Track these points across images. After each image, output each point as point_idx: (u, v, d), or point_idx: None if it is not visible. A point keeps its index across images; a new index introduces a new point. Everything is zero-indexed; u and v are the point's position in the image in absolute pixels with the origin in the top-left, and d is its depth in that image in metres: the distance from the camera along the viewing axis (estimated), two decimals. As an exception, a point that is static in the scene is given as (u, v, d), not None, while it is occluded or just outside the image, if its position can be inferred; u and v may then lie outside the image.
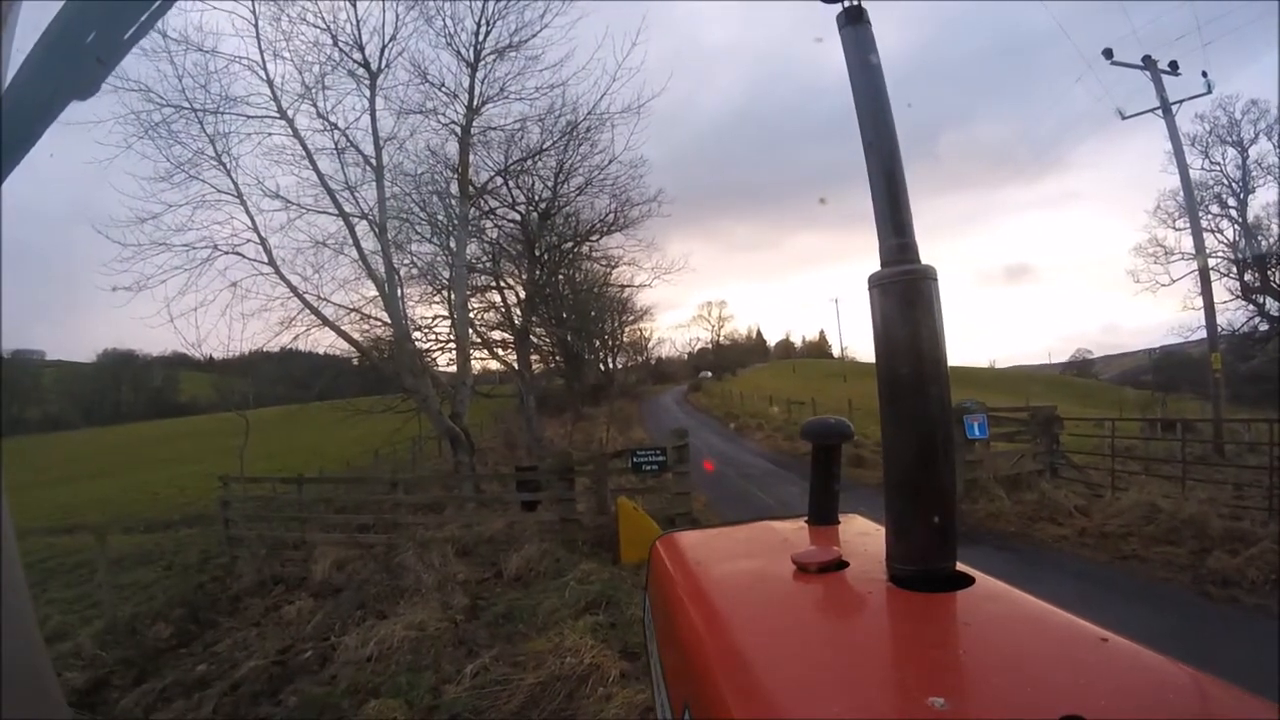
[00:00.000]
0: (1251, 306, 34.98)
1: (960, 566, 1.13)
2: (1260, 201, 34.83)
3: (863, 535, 1.48)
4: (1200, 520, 8.84)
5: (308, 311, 15.27)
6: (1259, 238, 34.50)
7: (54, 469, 33.63)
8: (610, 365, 54.98)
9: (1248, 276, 35.01)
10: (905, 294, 1.14)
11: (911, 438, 1.12)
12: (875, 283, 1.17)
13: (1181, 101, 18.30)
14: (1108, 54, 18.44)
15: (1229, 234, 35.12)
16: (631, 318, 47.60)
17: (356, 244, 15.24)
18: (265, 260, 14.68)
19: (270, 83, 14.29)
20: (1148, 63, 18.16)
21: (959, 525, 1.13)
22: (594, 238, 23.29)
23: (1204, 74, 18.43)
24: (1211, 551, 8.17)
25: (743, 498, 14.45)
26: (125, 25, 1.32)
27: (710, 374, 75.64)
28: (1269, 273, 34.65)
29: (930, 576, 1.11)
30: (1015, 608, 1.04)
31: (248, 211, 14.67)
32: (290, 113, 14.60)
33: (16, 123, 1.22)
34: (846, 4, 1.28)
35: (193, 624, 9.57)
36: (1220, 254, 34.28)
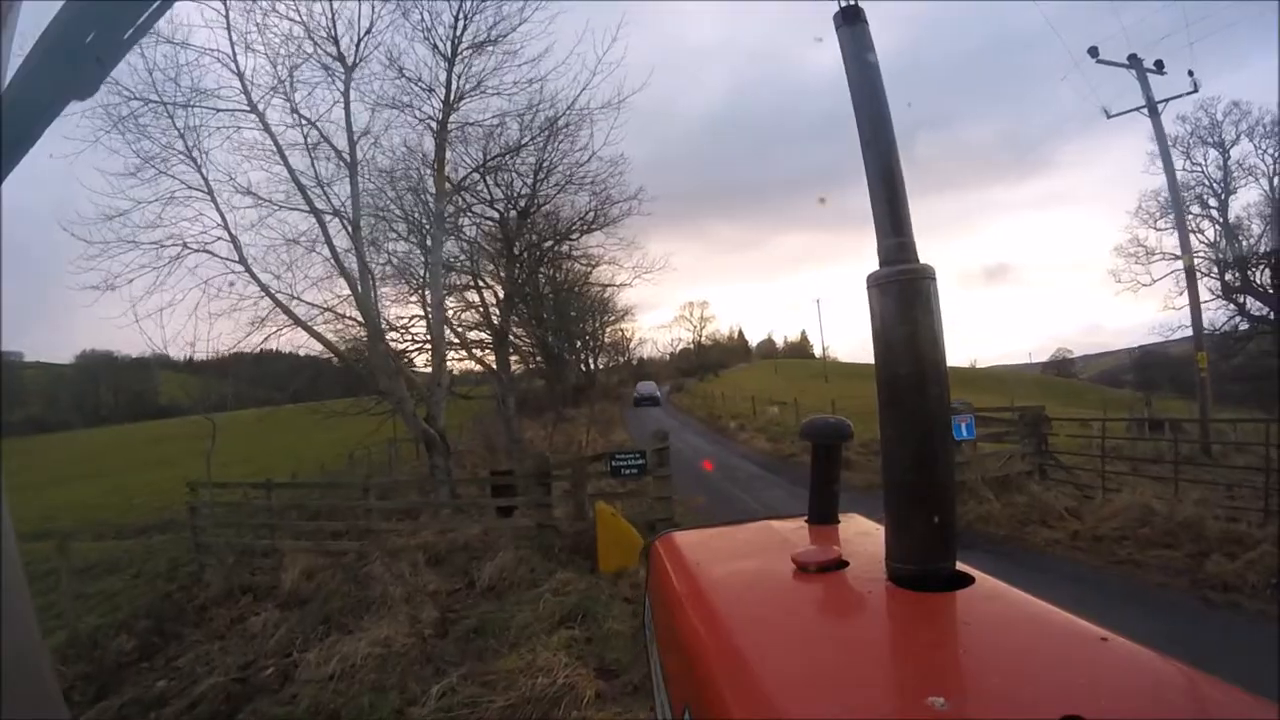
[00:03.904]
0: (1232, 306, 35.16)
1: (960, 566, 1.12)
2: (1241, 202, 35.30)
3: (862, 535, 1.49)
4: (1196, 523, 8.65)
5: (280, 311, 14.90)
6: (1239, 238, 34.75)
7: (31, 472, 33.04)
8: (592, 366, 54.81)
9: (1228, 276, 35.18)
10: (904, 293, 1.15)
11: (911, 437, 1.12)
12: (874, 282, 1.17)
13: (1168, 100, 18.23)
14: (1093, 52, 18.36)
15: (1210, 234, 35.39)
16: (613, 318, 47.56)
17: (328, 241, 14.85)
18: (236, 259, 14.33)
19: (240, 75, 13.89)
20: (1133, 61, 18.05)
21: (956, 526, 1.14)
22: (574, 236, 23.03)
23: (1190, 73, 18.34)
24: (1209, 555, 7.97)
25: (728, 501, 14.13)
26: (125, 25, 1.30)
27: (654, 383, 58.93)
28: (1249, 272, 34.83)
29: (930, 576, 1.10)
30: (1015, 607, 1.04)
31: (218, 208, 14.30)
32: (261, 107, 14.21)
33: (16, 123, 1.22)
34: (844, 3, 1.28)
35: (157, 636, 9.22)
36: (1201, 254, 34.50)
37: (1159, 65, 17.94)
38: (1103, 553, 8.68)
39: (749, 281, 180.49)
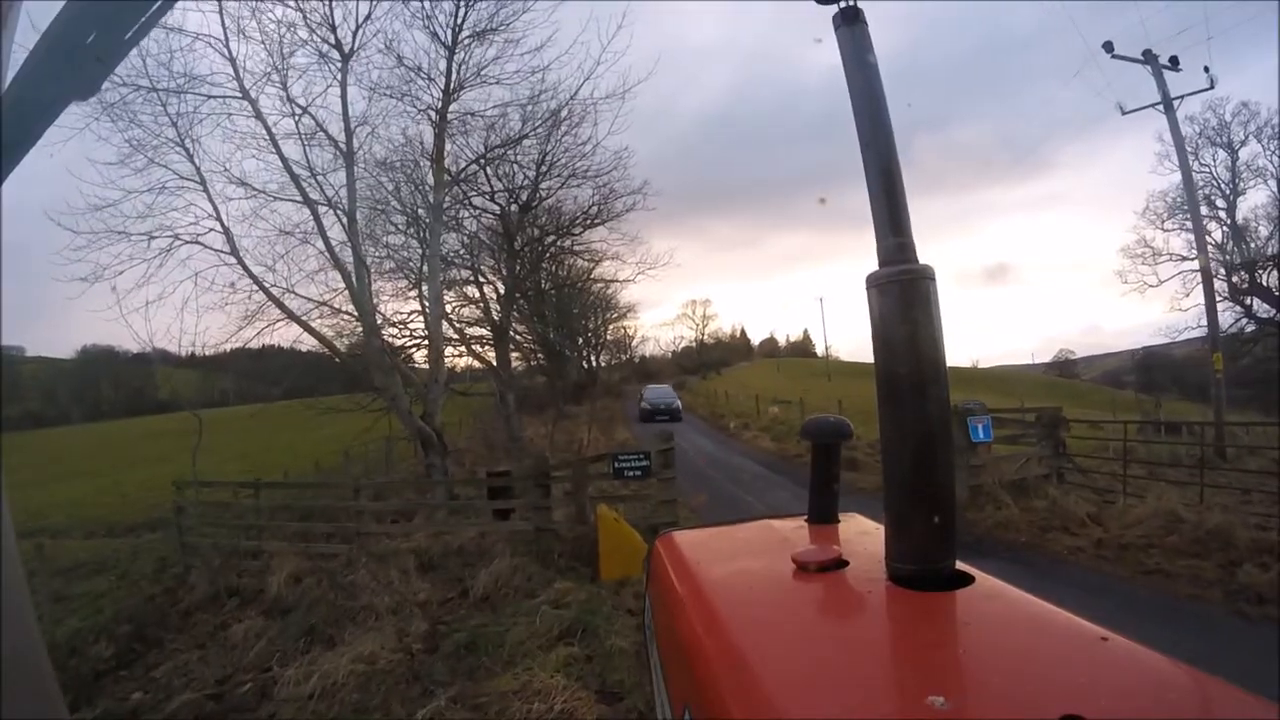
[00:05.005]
0: (1239, 308, 34.90)
1: (960, 566, 1.14)
2: (1249, 204, 35.16)
3: (863, 534, 1.51)
4: (1225, 530, 8.24)
5: (273, 305, 14.55)
6: (1247, 240, 34.52)
7: (29, 469, 32.84)
8: (594, 363, 54.51)
9: (1235, 278, 34.93)
10: (904, 294, 1.15)
11: (911, 437, 1.12)
12: (873, 283, 1.19)
13: (1184, 96, 17.85)
14: (1108, 47, 17.91)
15: (1217, 235, 35.09)
16: (615, 315, 47.26)
17: (323, 234, 14.46)
18: (228, 251, 13.96)
19: (233, 61, 13.48)
20: (1148, 57, 17.65)
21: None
22: (576, 231, 22.80)
23: (1206, 69, 17.93)
24: (1241, 565, 7.56)
25: (731, 502, 13.73)
26: (125, 25, 1.33)
27: (669, 387, 45.71)
28: (1257, 274, 34.59)
29: (930, 575, 1.11)
30: (1015, 607, 1.05)
31: (210, 199, 13.91)
32: (254, 94, 13.83)
33: (17, 123, 1.25)
34: (843, 4, 1.28)
35: (137, 642, 8.83)
36: (1209, 255, 34.29)
37: (1174, 61, 17.53)
38: (1130, 562, 8.24)
39: (749, 280, 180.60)
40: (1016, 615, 1.02)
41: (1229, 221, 35.08)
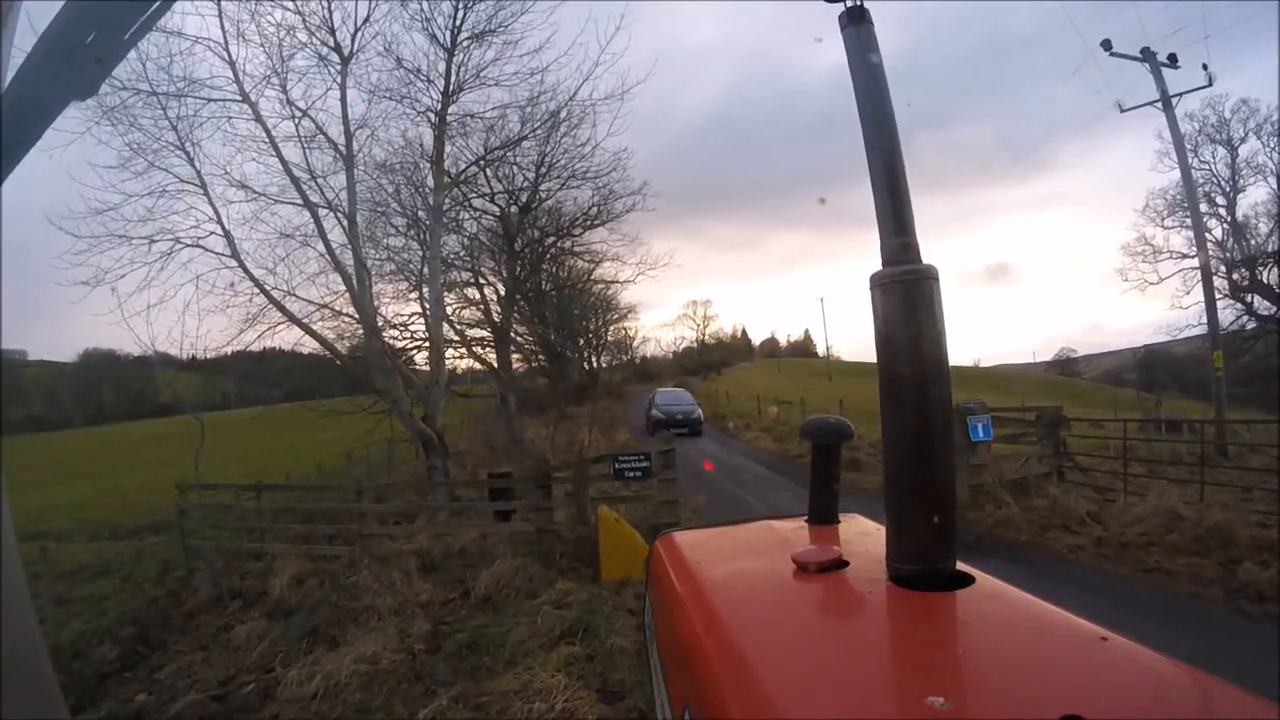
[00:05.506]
0: (1240, 305, 34.82)
1: (960, 566, 1.14)
2: (1249, 200, 35.02)
3: (863, 535, 1.51)
4: (1226, 528, 8.24)
5: (274, 308, 14.56)
6: (1247, 236, 34.43)
7: (30, 471, 32.78)
8: (594, 364, 54.48)
9: (1236, 275, 34.86)
10: (907, 294, 1.15)
11: (911, 437, 1.12)
12: (877, 282, 1.18)
13: (1183, 94, 17.80)
14: (1106, 45, 17.88)
15: (1217, 232, 34.99)
16: (616, 316, 47.17)
17: (323, 236, 14.47)
18: (229, 254, 13.95)
19: (233, 65, 13.52)
20: (1146, 55, 17.61)
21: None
22: (576, 232, 22.80)
23: (1204, 66, 17.90)
24: (1241, 563, 7.55)
25: (733, 503, 13.74)
26: (125, 25, 1.33)
27: (685, 391, 40.10)
28: (1257, 271, 34.51)
29: (930, 576, 1.12)
30: (1015, 607, 1.05)
31: (211, 202, 13.93)
32: (254, 97, 13.84)
33: (16, 123, 1.25)
34: (849, 3, 1.28)
35: (141, 644, 8.86)
36: (1209, 252, 34.20)
37: (1172, 59, 17.51)
38: (1129, 560, 8.25)
39: (749, 280, 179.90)
40: (1016, 615, 1.02)
41: (1229, 219, 35.02)
